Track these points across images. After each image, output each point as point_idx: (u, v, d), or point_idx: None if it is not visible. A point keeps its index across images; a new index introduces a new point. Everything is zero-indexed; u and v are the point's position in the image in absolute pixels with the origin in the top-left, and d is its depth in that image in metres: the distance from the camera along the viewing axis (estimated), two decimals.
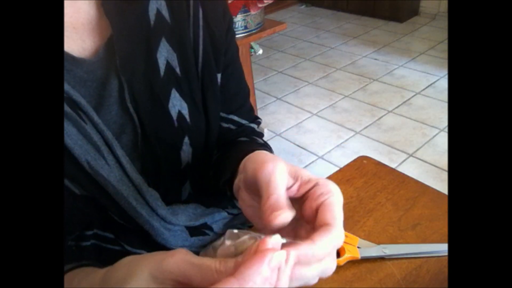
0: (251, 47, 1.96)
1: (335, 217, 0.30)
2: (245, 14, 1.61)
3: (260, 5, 1.58)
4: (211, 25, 0.49)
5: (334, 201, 0.31)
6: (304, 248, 0.27)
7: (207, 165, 0.56)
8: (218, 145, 0.55)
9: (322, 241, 0.28)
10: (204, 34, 0.49)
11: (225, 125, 0.56)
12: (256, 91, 2.63)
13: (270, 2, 1.59)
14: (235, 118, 0.57)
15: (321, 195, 0.31)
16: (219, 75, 0.51)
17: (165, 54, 0.46)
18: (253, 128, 0.59)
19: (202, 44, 0.48)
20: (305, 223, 0.33)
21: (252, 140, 0.56)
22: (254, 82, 2.70)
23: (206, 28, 0.49)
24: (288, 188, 0.33)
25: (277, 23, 1.83)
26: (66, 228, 0.44)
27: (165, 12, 0.46)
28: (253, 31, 1.69)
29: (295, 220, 0.32)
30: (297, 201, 0.33)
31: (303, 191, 0.33)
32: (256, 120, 0.60)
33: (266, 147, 0.54)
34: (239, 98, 0.57)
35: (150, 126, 0.45)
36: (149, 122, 0.45)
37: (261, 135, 0.59)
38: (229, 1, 1.50)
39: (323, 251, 0.28)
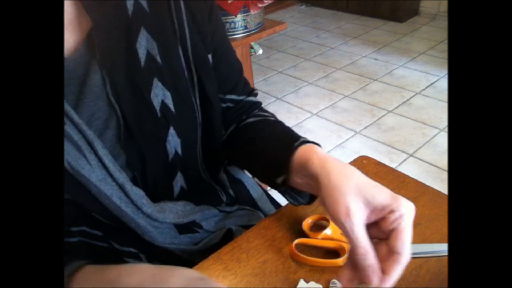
0: (251, 47, 1.95)
1: (403, 245, 0.35)
2: (245, 14, 1.61)
3: (260, 5, 1.57)
4: (192, 8, 0.49)
5: (403, 227, 0.36)
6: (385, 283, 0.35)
7: (213, 150, 0.56)
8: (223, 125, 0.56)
9: (395, 272, 0.35)
10: (187, 18, 0.48)
11: (223, 105, 0.56)
12: None
13: (270, 2, 1.59)
14: (233, 97, 0.57)
15: (394, 222, 0.36)
16: (209, 56, 0.51)
17: (144, 44, 0.45)
18: (252, 102, 0.60)
19: (187, 27, 0.48)
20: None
21: (265, 119, 0.57)
22: (254, 82, 2.70)
23: (187, 11, 0.48)
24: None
25: (277, 23, 1.83)
26: None
27: (143, 1, 0.45)
28: (253, 31, 1.69)
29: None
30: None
31: (377, 218, 0.38)
32: (253, 92, 0.61)
33: (282, 124, 0.56)
34: (233, 78, 0.57)
35: (133, 118, 0.45)
36: (132, 114, 0.45)
37: (259, 104, 0.61)
38: (229, 1, 1.49)
39: (396, 278, 0.35)
